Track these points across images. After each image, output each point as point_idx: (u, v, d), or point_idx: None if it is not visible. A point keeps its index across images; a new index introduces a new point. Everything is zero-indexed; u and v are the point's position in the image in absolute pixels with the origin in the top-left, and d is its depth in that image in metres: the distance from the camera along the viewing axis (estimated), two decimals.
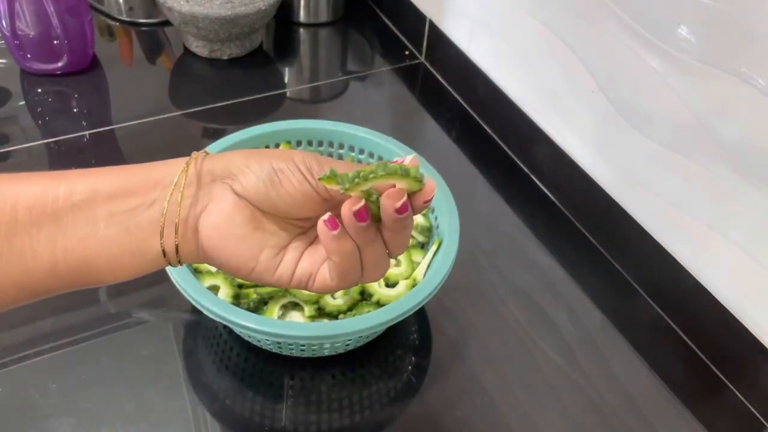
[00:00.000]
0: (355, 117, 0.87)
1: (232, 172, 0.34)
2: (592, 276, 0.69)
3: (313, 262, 0.36)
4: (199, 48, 0.94)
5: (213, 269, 0.57)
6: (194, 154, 0.35)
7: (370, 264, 0.35)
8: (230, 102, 0.86)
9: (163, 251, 0.34)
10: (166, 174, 0.34)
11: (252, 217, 0.34)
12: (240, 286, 0.57)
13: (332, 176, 0.33)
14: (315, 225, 0.35)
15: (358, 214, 0.33)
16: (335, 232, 0.33)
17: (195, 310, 0.59)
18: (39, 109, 0.83)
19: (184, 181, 0.33)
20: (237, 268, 0.35)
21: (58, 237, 0.32)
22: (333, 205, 0.36)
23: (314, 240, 0.37)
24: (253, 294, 0.56)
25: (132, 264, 0.34)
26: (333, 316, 0.56)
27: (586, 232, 0.73)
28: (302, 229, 0.37)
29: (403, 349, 0.60)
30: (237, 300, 0.55)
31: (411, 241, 0.62)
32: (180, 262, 0.35)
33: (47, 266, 0.32)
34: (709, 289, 0.60)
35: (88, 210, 0.32)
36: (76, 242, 0.32)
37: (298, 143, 0.66)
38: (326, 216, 0.33)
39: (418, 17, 0.96)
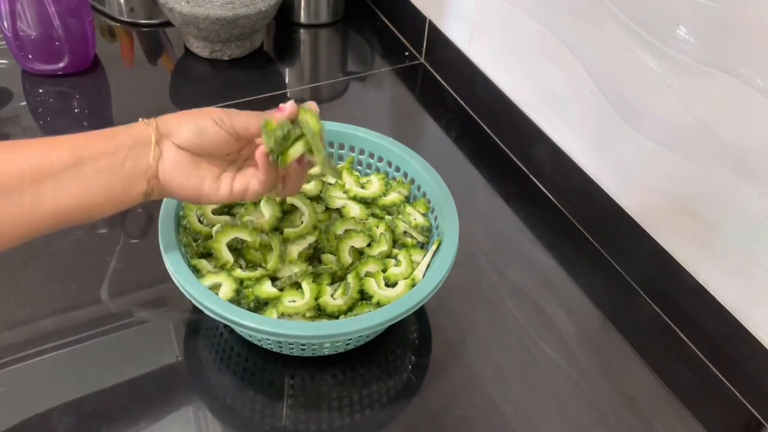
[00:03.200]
0: (355, 117, 0.87)
1: (171, 131, 0.47)
2: (591, 276, 0.69)
3: (244, 181, 0.50)
4: (199, 49, 0.94)
5: (213, 269, 0.57)
6: (148, 120, 0.47)
7: (288, 181, 0.53)
8: (231, 102, 0.86)
9: (146, 192, 0.47)
10: (134, 137, 0.46)
11: (191, 160, 0.48)
12: (241, 283, 0.57)
13: (267, 133, 0.48)
14: (237, 157, 0.52)
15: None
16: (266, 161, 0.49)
17: (195, 310, 0.59)
18: (40, 110, 0.83)
19: (153, 141, 0.47)
20: (193, 197, 0.49)
21: (62, 189, 0.44)
22: (245, 143, 0.50)
23: (239, 167, 0.52)
24: (252, 295, 0.56)
25: (115, 206, 0.47)
26: (333, 316, 0.56)
27: (586, 232, 0.73)
28: (228, 161, 0.51)
29: (403, 349, 0.60)
30: (238, 295, 0.56)
31: (411, 240, 0.63)
32: (152, 198, 0.49)
33: (50, 213, 0.44)
34: (708, 289, 0.60)
35: (78, 168, 0.44)
36: (75, 191, 0.44)
37: None
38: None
39: (418, 18, 0.96)
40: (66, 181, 0.44)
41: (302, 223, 0.61)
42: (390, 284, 0.59)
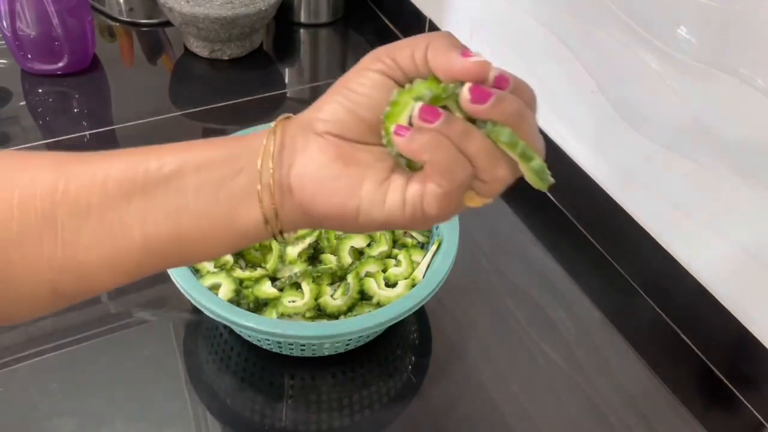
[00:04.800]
0: None
1: (310, 116, 0.33)
2: (591, 276, 0.69)
3: (420, 184, 0.31)
4: (199, 48, 0.94)
5: (212, 269, 0.57)
6: (280, 117, 0.34)
7: (480, 157, 0.31)
8: (230, 102, 0.86)
9: (265, 219, 0.32)
10: (252, 142, 0.33)
11: (340, 153, 0.32)
12: (241, 283, 0.57)
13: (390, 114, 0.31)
14: None
15: (423, 113, 0.30)
16: (408, 134, 0.30)
17: (195, 310, 0.59)
18: (39, 110, 0.83)
19: (273, 144, 0.32)
20: (342, 213, 0.32)
21: (149, 210, 0.32)
22: None
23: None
24: (252, 295, 0.56)
25: (223, 236, 0.33)
26: (333, 316, 0.56)
27: (586, 232, 0.73)
28: None
29: (403, 349, 0.60)
30: (238, 296, 0.55)
31: (411, 240, 0.62)
32: (282, 232, 0.33)
33: (139, 242, 0.32)
34: (708, 289, 0.60)
35: (178, 180, 0.32)
36: (166, 215, 0.32)
37: None
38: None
39: (418, 17, 0.96)
40: (157, 197, 0.32)
41: None
42: (390, 284, 0.59)
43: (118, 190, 0.31)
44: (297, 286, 0.57)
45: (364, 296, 0.58)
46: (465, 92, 0.30)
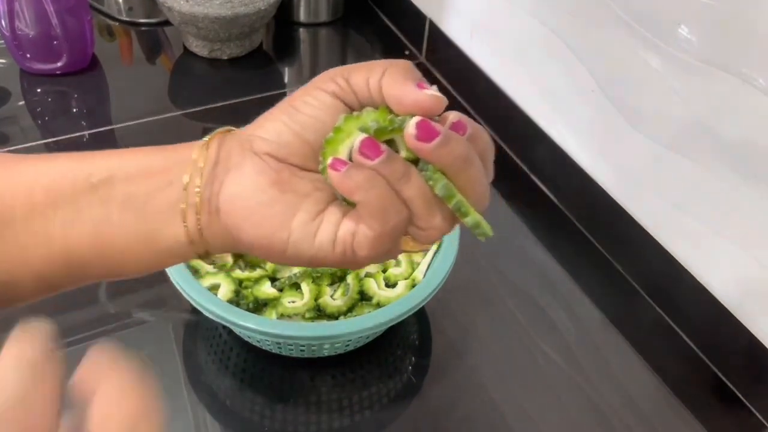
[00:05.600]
0: None
1: (251, 133, 0.30)
2: (592, 276, 0.69)
3: (357, 222, 0.29)
4: (198, 48, 0.93)
5: (212, 269, 0.57)
6: (218, 130, 0.31)
7: (417, 203, 0.29)
8: (230, 102, 0.86)
9: (189, 239, 0.30)
10: (187, 153, 0.30)
11: (278, 178, 0.29)
12: (240, 283, 0.57)
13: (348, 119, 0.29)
14: None
15: (363, 148, 0.28)
16: (343, 169, 0.28)
17: (195, 310, 0.58)
18: (38, 109, 0.83)
19: (204, 158, 0.30)
20: (269, 244, 0.29)
21: (75, 221, 0.30)
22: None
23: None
24: (251, 296, 0.56)
25: (146, 253, 0.31)
26: (333, 316, 0.56)
27: (586, 232, 0.73)
28: None
29: (403, 350, 0.60)
30: (237, 296, 0.55)
31: None
32: (208, 253, 0.31)
33: (61, 253, 0.30)
34: (709, 289, 0.60)
35: (105, 191, 0.30)
36: (89, 227, 0.30)
37: None
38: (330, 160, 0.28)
39: (418, 17, 0.96)
40: (83, 208, 0.30)
41: None
42: (390, 285, 0.58)
43: (44, 198, 0.30)
44: (297, 286, 0.57)
45: (363, 297, 0.57)
46: (411, 126, 0.27)
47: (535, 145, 0.78)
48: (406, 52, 1.00)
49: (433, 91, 0.28)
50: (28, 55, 0.85)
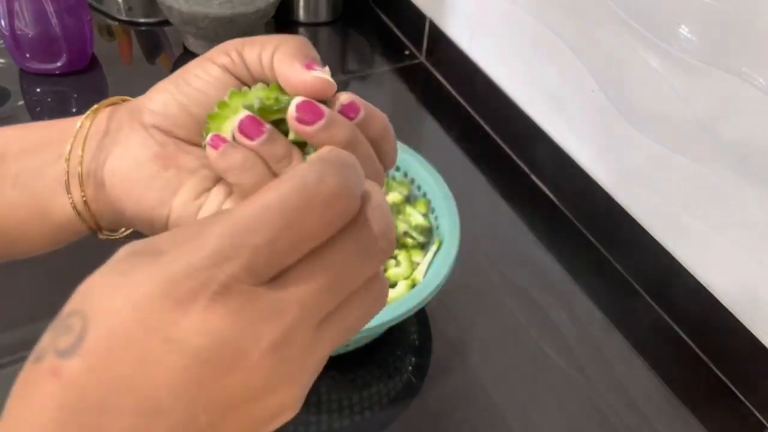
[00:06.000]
0: None
1: (140, 104, 0.30)
2: (592, 276, 0.69)
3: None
4: (198, 47, 0.93)
5: None
6: (110, 99, 0.31)
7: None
8: None
9: (76, 211, 0.29)
10: (75, 124, 0.29)
11: (161, 153, 0.28)
12: None
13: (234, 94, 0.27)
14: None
15: (243, 126, 0.26)
16: (221, 148, 0.26)
17: None
18: (38, 109, 0.83)
19: (88, 129, 0.29)
20: (149, 220, 0.29)
21: None
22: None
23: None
24: None
25: (40, 229, 0.30)
26: None
27: (587, 232, 0.73)
28: None
29: (403, 350, 0.60)
30: None
31: (411, 241, 0.62)
32: (99, 227, 0.30)
33: None
34: (709, 289, 0.60)
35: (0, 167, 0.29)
36: None
37: None
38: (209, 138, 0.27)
39: (418, 17, 0.96)
40: None
41: None
42: (390, 285, 0.58)
43: None
44: None
45: None
46: (292, 107, 0.26)
47: (535, 145, 0.78)
48: (406, 52, 1.00)
49: (321, 73, 0.27)
50: (28, 55, 0.85)
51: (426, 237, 0.62)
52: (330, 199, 0.21)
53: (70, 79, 0.87)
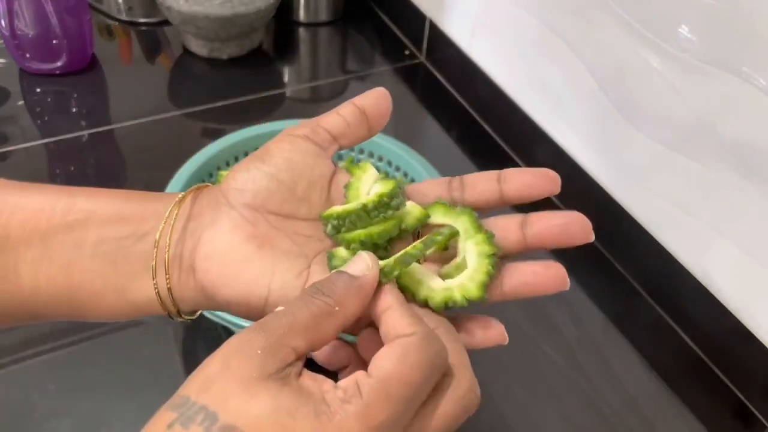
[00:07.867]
0: None
1: (224, 186, 0.29)
2: (592, 276, 0.69)
3: None
4: (198, 47, 0.93)
5: None
6: (194, 186, 0.31)
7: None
8: (230, 102, 0.86)
9: (159, 296, 0.29)
10: (164, 204, 0.29)
11: (255, 233, 0.28)
12: None
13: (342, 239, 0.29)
14: None
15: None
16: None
17: None
18: (38, 109, 0.83)
19: (177, 213, 0.29)
20: (246, 302, 0.28)
21: (44, 261, 0.29)
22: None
23: None
24: None
25: (115, 304, 0.30)
26: None
27: None
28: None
29: None
30: None
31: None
32: (179, 313, 0.31)
33: (28, 291, 0.29)
34: (709, 289, 0.60)
35: (80, 232, 0.29)
36: (59, 269, 0.29)
37: None
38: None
39: (418, 17, 0.96)
40: (55, 248, 0.29)
41: None
42: None
43: (20, 231, 0.29)
44: None
45: None
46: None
47: (535, 145, 0.78)
48: (406, 52, 1.00)
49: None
50: (28, 55, 0.85)
51: None
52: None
53: (70, 79, 0.87)
